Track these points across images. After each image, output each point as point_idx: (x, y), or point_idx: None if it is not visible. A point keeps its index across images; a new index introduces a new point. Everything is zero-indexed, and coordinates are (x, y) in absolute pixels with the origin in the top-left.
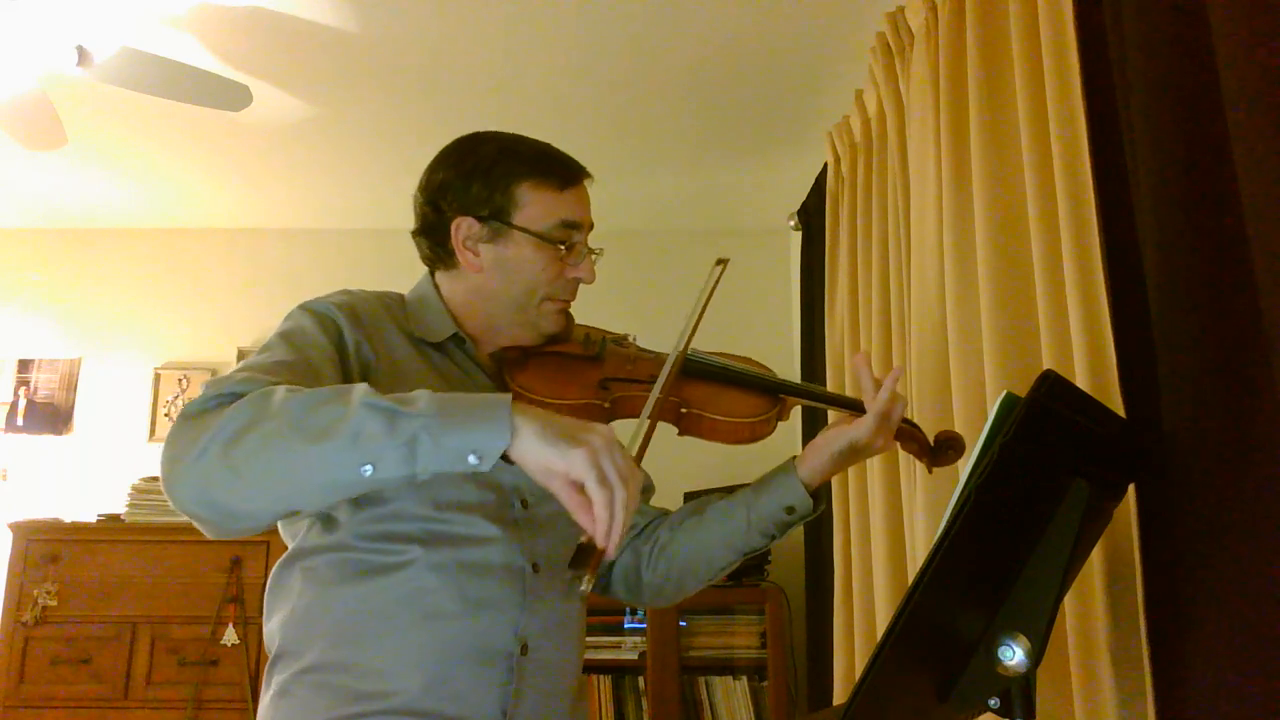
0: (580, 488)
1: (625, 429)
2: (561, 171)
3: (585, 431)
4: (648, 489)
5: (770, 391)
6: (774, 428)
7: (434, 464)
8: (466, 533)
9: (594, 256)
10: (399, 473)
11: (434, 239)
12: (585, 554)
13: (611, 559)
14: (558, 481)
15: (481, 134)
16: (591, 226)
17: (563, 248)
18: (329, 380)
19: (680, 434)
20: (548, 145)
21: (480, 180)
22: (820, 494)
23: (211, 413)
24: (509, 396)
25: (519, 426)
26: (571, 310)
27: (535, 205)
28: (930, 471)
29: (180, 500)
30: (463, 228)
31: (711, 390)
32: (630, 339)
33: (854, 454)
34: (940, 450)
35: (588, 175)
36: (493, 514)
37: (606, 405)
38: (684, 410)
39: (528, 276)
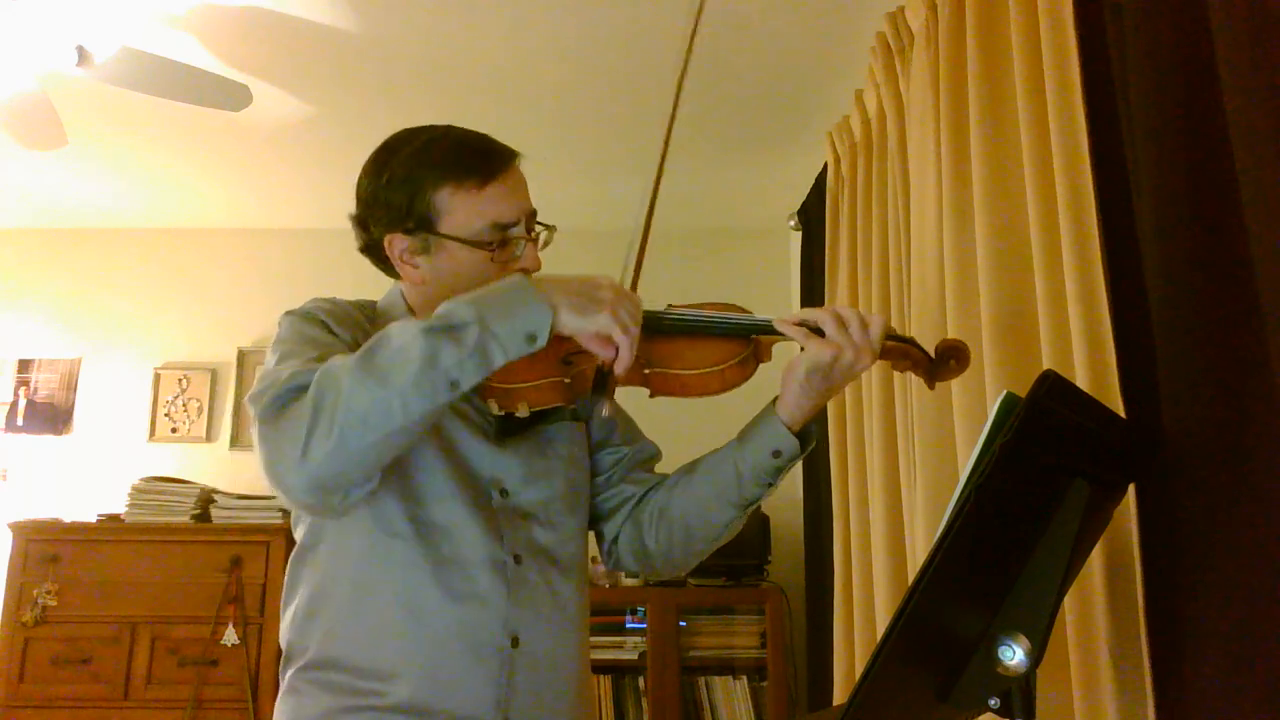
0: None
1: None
2: (480, 167)
3: (597, 290)
4: (652, 456)
5: (741, 334)
6: (750, 371)
7: (503, 356)
8: (446, 524)
9: (544, 236)
10: (479, 377)
11: (375, 256)
12: (604, 379)
13: (620, 376)
14: (586, 336)
15: (400, 136)
16: (531, 213)
17: (497, 248)
18: None
19: (651, 395)
20: (466, 136)
21: (400, 193)
22: (808, 431)
23: (288, 409)
24: (523, 278)
25: (552, 302)
26: None
27: (459, 211)
28: (931, 387)
29: (296, 494)
30: (395, 244)
31: (676, 345)
32: None
33: (819, 375)
34: (941, 362)
35: (513, 157)
36: (472, 504)
37: (568, 381)
38: (647, 371)
39: (469, 282)
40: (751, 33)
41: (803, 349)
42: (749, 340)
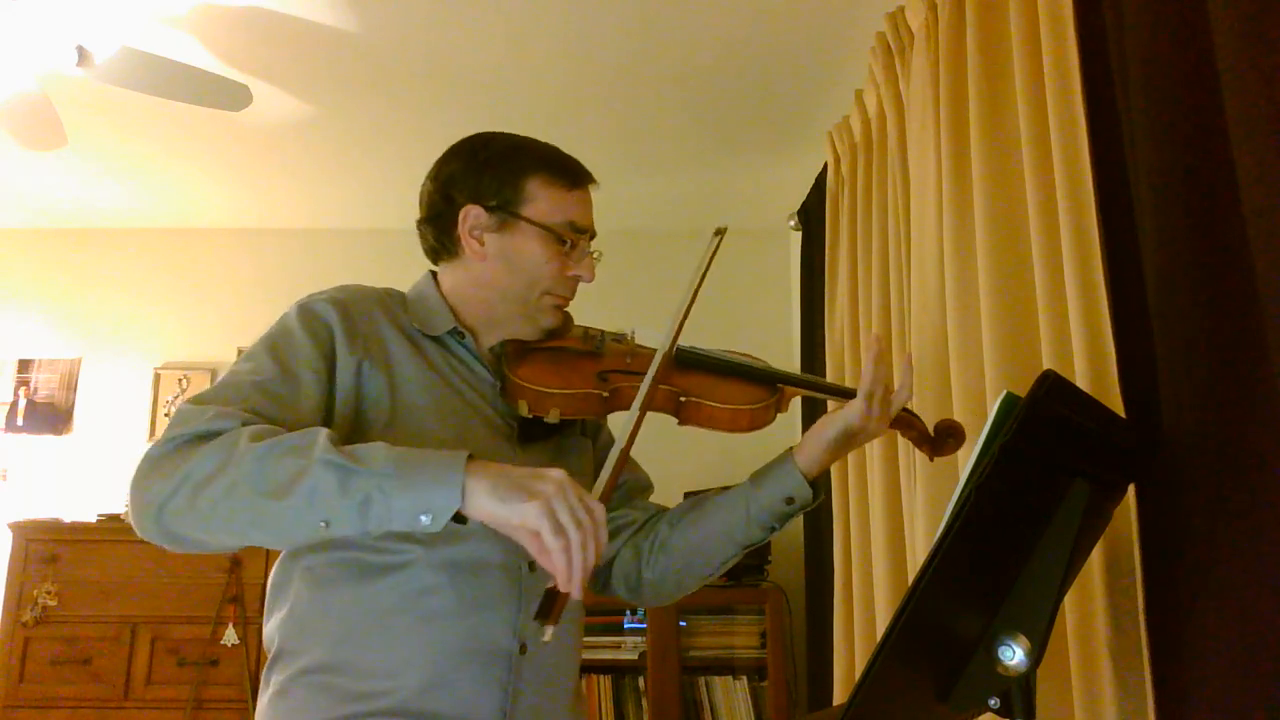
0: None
1: (617, 422)
2: (572, 173)
3: (537, 481)
4: (646, 487)
5: (768, 381)
6: (773, 416)
7: (384, 523)
8: (465, 529)
9: (594, 257)
10: (352, 530)
11: (440, 227)
12: (549, 600)
13: (577, 599)
14: (518, 533)
15: (496, 131)
16: (594, 234)
17: (566, 244)
18: (308, 394)
19: (680, 424)
20: (558, 149)
21: (492, 171)
22: (819, 483)
23: (178, 454)
24: (463, 456)
25: (470, 486)
26: (574, 310)
27: (544, 201)
28: (931, 460)
29: (148, 535)
30: (470, 216)
31: (709, 380)
32: (629, 336)
33: (849, 439)
34: (940, 439)
35: (594, 181)
36: None
37: (605, 395)
38: (683, 399)
39: (530, 269)
40: (751, 33)
41: (836, 409)
42: (775, 389)
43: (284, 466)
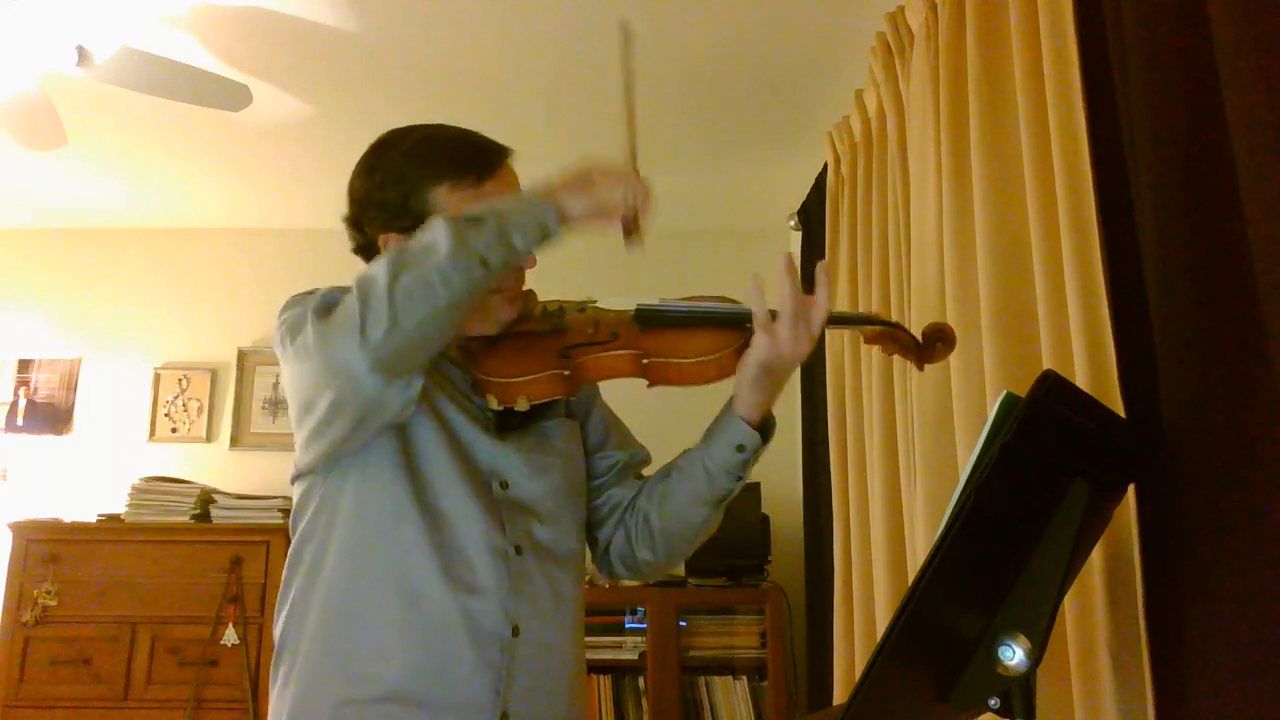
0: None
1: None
2: (477, 164)
3: (590, 172)
4: (645, 460)
5: (734, 324)
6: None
7: (522, 242)
8: (450, 512)
9: None
10: (504, 258)
11: (368, 256)
12: (628, 228)
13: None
14: (597, 213)
15: (392, 136)
16: None
17: None
18: None
19: (650, 385)
20: (461, 134)
21: (393, 191)
22: (767, 423)
23: (333, 310)
24: (522, 190)
25: (555, 198)
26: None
27: (455, 208)
28: (920, 369)
29: (361, 377)
30: (390, 244)
31: (672, 336)
32: (591, 303)
33: (770, 372)
34: (929, 345)
35: (508, 154)
36: (474, 495)
37: (567, 373)
38: (646, 361)
39: None
40: (751, 32)
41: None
42: (743, 329)
43: (425, 246)
